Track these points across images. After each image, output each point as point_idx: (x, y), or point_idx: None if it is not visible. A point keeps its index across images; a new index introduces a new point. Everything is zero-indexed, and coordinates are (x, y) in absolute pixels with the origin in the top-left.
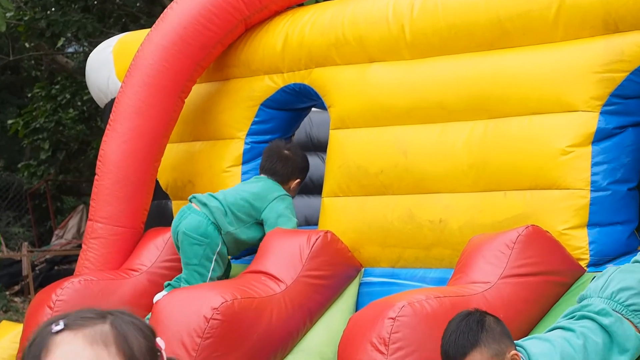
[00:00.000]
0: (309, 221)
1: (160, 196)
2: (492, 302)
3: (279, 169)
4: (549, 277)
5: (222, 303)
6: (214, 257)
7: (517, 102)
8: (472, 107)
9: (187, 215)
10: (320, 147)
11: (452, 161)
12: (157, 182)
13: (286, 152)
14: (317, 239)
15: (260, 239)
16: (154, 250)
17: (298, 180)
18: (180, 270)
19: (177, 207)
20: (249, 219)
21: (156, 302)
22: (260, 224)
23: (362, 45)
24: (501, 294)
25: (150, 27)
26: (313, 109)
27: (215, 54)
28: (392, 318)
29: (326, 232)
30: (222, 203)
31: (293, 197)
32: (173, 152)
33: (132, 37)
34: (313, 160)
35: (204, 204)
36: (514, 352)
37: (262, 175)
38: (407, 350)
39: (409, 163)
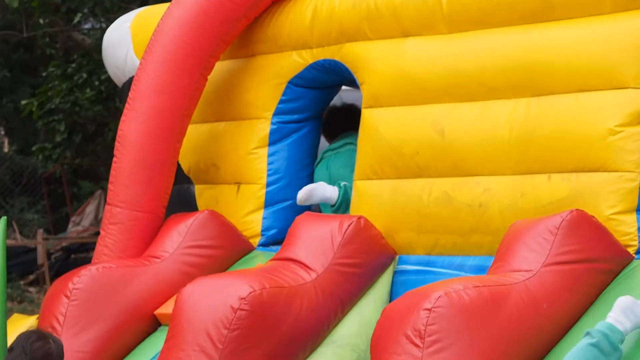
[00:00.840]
0: None
1: (182, 180)
2: (534, 291)
3: None
4: (595, 265)
5: (250, 293)
6: None
7: (562, 79)
8: (514, 84)
9: None
10: None
11: (492, 141)
12: (178, 165)
13: None
14: (349, 225)
15: None
16: (177, 237)
17: None
18: (203, 257)
19: (200, 191)
20: None
21: (180, 291)
22: None
23: (396, 18)
24: (544, 283)
25: (170, 1)
26: (343, 87)
27: (240, 28)
28: (427, 309)
29: (359, 218)
30: None
31: None
32: (195, 133)
33: (151, 11)
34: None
35: None
36: None
37: None
38: (444, 343)
39: (446, 143)
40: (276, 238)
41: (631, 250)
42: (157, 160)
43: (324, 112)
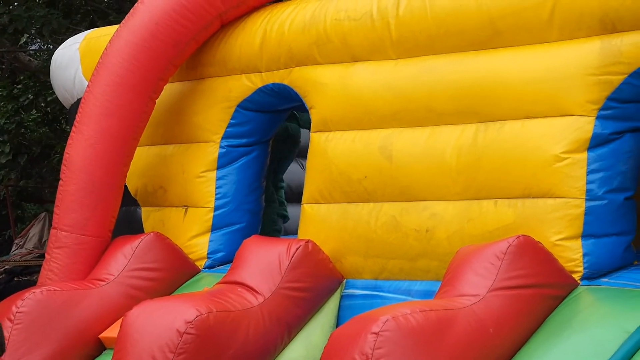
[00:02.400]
0: (288, 231)
1: (128, 202)
2: (481, 316)
3: None
4: (541, 290)
5: (197, 316)
6: None
7: (510, 105)
8: (462, 110)
9: None
10: (299, 152)
11: (440, 167)
12: (125, 187)
13: None
14: (297, 249)
15: None
16: (122, 259)
17: None
18: (149, 279)
19: (147, 214)
20: None
21: (126, 315)
22: None
23: (345, 43)
24: (490, 308)
25: (119, 24)
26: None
27: (189, 51)
28: (375, 333)
29: (307, 242)
30: None
31: None
32: (143, 155)
33: (100, 33)
34: (292, 166)
35: None
36: None
37: None
38: None
39: (395, 168)
40: (223, 261)
41: (576, 277)
42: (104, 184)
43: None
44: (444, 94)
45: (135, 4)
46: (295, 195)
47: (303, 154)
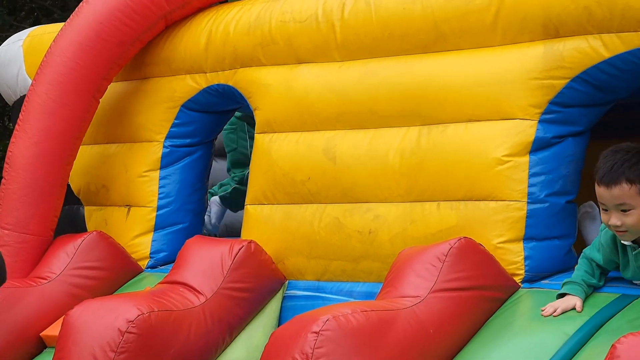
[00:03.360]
0: (230, 231)
1: (71, 201)
2: (421, 317)
3: None
4: (482, 292)
5: (138, 316)
6: None
7: (453, 108)
8: (406, 112)
9: None
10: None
11: (383, 169)
12: (68, 186)
13: None
14: (240, 249)
15: None
16: (64, 258)
17: None
18: (91, 278)
19: (90, 213)
20: None
21: (67, 313)
22: None
23: (290, 45)
24: (431, 309)
25: (64, 21)
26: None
27: (133, 51)
28: (315, 332)
29: (250, 242)
30: None
31: None
32: (86, 154)
33: (44, 30)
34: None
35: None
36: None
37: None
38: None
39: (338, 170)
40: (165, 261)
41: (517, 279)
42: (47, 183)
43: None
44: (388, 97)
45: (80, 3)
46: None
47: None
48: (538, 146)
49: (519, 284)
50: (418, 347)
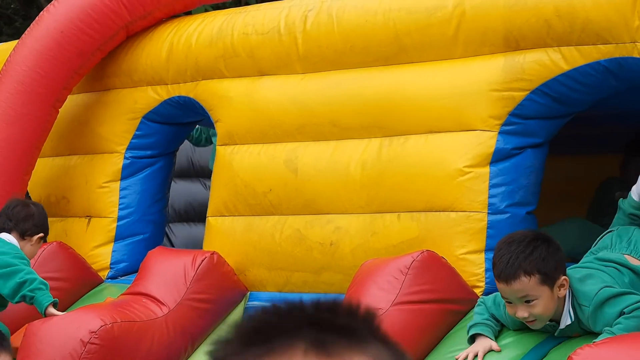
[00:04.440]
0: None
1: None
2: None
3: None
4: (443, 305)
5: (101, 327)
6: None
7: (414, 120)
8: (367, 124)
9: None
10: (202, 172)
11: (344, 181)
12: (29, 197)
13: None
14: (202, 261)
15: None
16: None
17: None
18: (52, 289)
19: (50, 224)
20: None
21: (29, 324)
22: None
23: (252, 57)
24: (393, 322)
25: (25, 30)
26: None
27: (94, 61)
28: None
29: (212, 254)
30: None
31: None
32: (47, 166)
33: (4, 46)
34: (195, 186)
35: None
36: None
37: None
38: None
39: (299, 182)
40: (126, 271)
41: (478, 291)
42: (5, 193)
43: None
44: (350, 109)
45: (42, 12)
46: (198, 215)
47: (206, 173)
48: (498, 157)
49: (479, 295)
50: None
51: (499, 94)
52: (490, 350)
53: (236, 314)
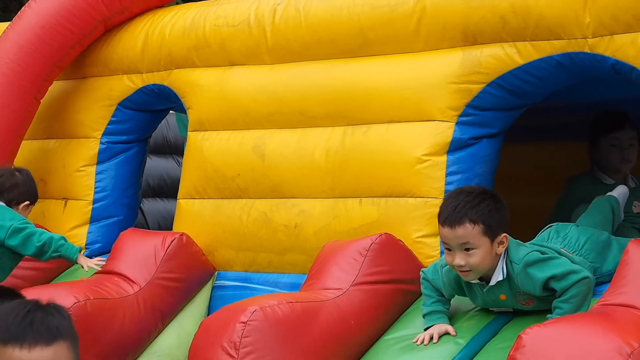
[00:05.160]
0: (162, 225)
1: None
2: (343, 308)
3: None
4: (400, 286)
5: (75, 303)
6: None
7: (376, 110)
8: (332, 113)
9: None
10: (176, 150)
11: (309, 167)
12: None
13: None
14: (172, 241)
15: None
16: None
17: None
18: (29, 269)
19: None
20: None
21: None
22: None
23: (223, 48)
24: (352, 301)
25: (5, 22)
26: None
27: (74, 54)
28: (243, 322)
29: (181, 235)
30: None
31: None
32: (26, 149)
33: None
34: (169, 162)
35: None
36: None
37: None
38: (257, 355)
39: (266, 167)
40: (100, 251)
41: None
42: None
43: None
44: (315, 98)
45: (23, 7)
46: (171, 191)
47: (180, 151)
48: (455, 146)
49: None
50: (339, 337)
51: (457, 86)
52: (446, 332)
53: (204, 292)
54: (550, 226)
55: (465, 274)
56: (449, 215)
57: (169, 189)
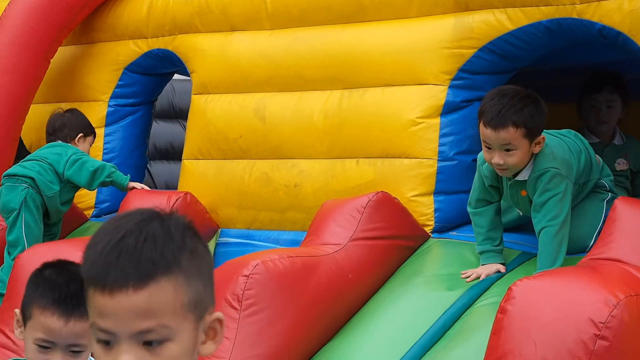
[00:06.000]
0: (169, 186)
1: (23, 155)
2: (341, 262)
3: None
4: (396, 241)
5: None
6: None
7: (372, 74)
8: (329, 77)
9: None
10: (182, 114)
11: (308, 128)
12: (21, 141)
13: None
14: (176, 200)
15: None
16: None
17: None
18: None
19: None
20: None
21: (18, 257)
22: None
23: (224, 14)
24: (350, 256)
25: None
26: (176, 76)
27: (82, 16)
28: (245, 276)
29: (186, 194)
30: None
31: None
32: (38, 112)
33: None
34: (175, 127)
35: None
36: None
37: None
38: (259, 307)
39: (267, 129)
40: (109, 210)
41: (428, 229)
42: (1, 136)
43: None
44: (313, 63)
45: None
46: (177, 154)
47: (185, 115)
48: (448, 109)
49: (429, 234)
50: (337, 290)
51: (450, 51)
52: (497, 271)
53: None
54: None
55: (503, 171)
56: (493, 118)
57: (175, 152)
